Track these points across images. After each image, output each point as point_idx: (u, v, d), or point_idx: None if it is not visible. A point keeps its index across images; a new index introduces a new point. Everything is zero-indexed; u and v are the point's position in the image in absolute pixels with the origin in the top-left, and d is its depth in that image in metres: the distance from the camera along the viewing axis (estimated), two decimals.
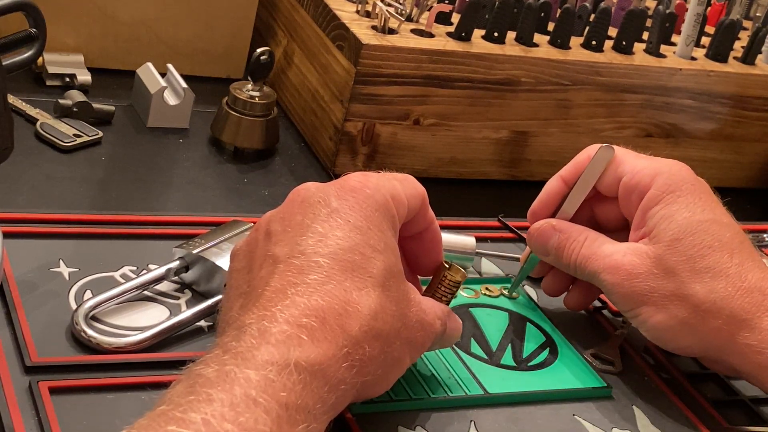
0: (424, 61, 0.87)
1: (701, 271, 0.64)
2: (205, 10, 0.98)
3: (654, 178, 0.67)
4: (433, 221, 0.62)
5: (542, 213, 0.71)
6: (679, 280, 0.64)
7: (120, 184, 0.81)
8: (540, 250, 0.70)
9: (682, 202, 0.66)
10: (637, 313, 0.65)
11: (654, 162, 0.68)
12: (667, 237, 0.65)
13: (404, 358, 0.56)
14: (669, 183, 0.66)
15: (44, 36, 0.65)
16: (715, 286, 0.63)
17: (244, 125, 0.89)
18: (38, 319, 0.61)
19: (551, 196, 0.71)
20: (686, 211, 0.65)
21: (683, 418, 0.66)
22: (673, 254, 0.64)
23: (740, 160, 1.05)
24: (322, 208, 0.55)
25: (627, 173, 0.68)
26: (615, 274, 0.65)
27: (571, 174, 0.70)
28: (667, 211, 0.65)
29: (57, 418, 0.54)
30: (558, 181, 0.71)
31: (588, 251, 0.67)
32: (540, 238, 0.70)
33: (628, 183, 0.68)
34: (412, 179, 0.60)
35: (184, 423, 0.43)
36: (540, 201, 0.71)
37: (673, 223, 0.65)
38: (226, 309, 0.55)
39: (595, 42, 0.95)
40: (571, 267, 0.68)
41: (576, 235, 0.68)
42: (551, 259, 0.70)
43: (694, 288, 0.63)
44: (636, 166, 0.68)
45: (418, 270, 0.64)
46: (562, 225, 0.69)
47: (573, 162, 0.70)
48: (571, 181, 0.70)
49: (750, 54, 1.02)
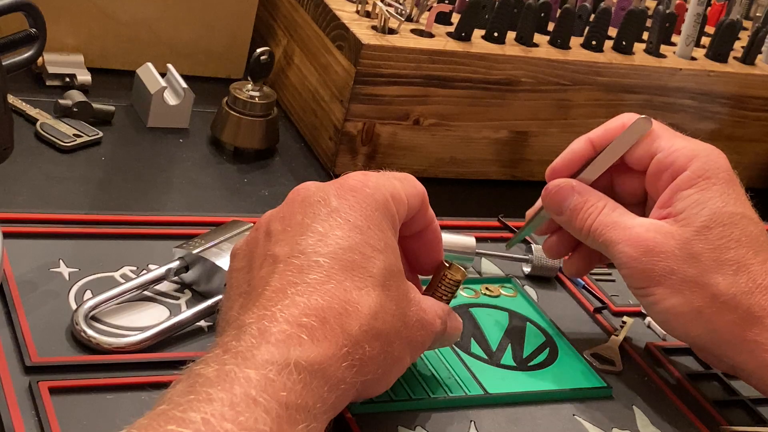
0: (424, 61, 0.87)
1: (726, 263, 0.62)
2: (205, 10, 0.98)
3: (691, 160, 0.65)
4: (433, 220, 0.62)
5: (563, 172, 0.68)
6: (702, 267, 0.62)
7: (120, 184, 0.81)
8: (554, 209, 0.67)
9: (716, 190, 0.64)
10: (650, 292, 0.64)
11: (692, 143, 0.66)
12: (697, 222, 0.63)
13: (404, 357, 0.56)
14: (705, 168, 0.64)
15: (44, 36, 0.65)
16: (737, 280, 0.62)
17: (244, 125, 0.89)
18: (38, 319, 0.61)
19: (576, 156, 0.68)
20: (719, 200, 0.64)
21: (683, 418, 0.66)
22: (701, 241, 0.63)
23: (740, 160, 1.05)
24: (322, 208, 0.55)
25: (663, 150, 0.66)
26: (635, 247, 0.63)
27: (601, 139, 0.67)
28: (701, 196, 0.64)
29: (57, 418, 0.54)
30: (586, 143, 0.68)
31: (607, 219, 0.65)
32: (557, 196, 0.67)
33: (662, 160, 0.66)
34: (412, 178, 0.60)
35: (184, 422, 0.43)
36: (563, 159, 0.68)
37: (705, 210, 0.63)
38: (226, 308, 0.55)
39: (595, 42, 0.95)
40: (584, 232, 0.66)
41: (595, 200, 0.66)
42: (563, 219, 0.67)
43: (716, 278, 0.62)
44: (673, 145, 0.66)
45: (419, 269, 0.64)
46: (582, 187, 0.67)
47: (604, 127, 0.68)
48: (600, 146, 0.67)
49: (750, 54, 1.02)
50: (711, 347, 0.65)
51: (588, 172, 0.67)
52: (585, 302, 0.76)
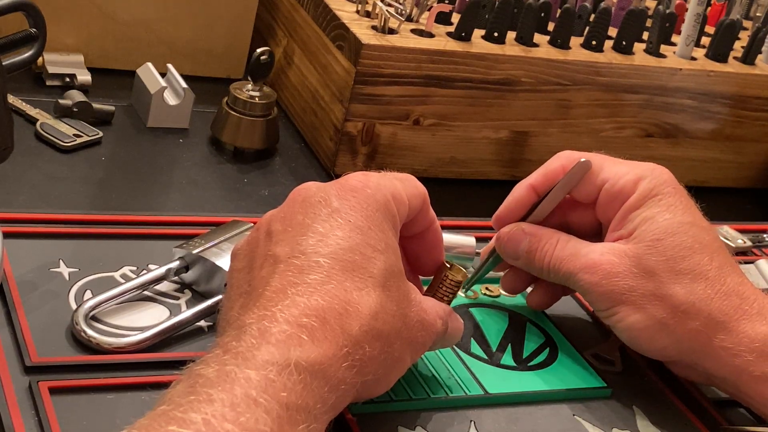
0: (424, 61, 0.87)
1: (681, 273, 0.63)
2: (205, 10, 0.98)
3: (637, 183, 0.66)
4: (434, 221, 0.62)
5: (509, 220, 0.69)
6: (659, 280, 0.63)
7: (120, 184, 0.81)
8: (510, 255, 0.69)
9: (663, 204, 0.65)
10: (614, 312, 0.64)
11: (635, 167, 0.67)
12: (648, 237, 0.64)
13: (405, 358, 0.56)
14: (651, 187, 0.66)
15: (44, 36, 0.65)
16: (695, 288, 0.63)
17: (244, 125, 0.89)
18: (38, 319, 0.61)
19: (519, 203, 0.69)
20: (667, 213, 0.65)
21: (683, 418, 0.66)
22: (654, 254, 0.64)
23: (740, 160, 1.05)
24: (322, 208, 0.55)
25: (609, 179, 0.67)
26: (593, 273, 0.64)
27: (542, 184, 0.68)
28: (649, 213, 0.65)
29: (57, 418, 0.54)
30: (527, 189, 0.69)
31: (562, 253, 0.66)
32: (510, 242, 0.68)
33: (610, 190, 0.67)
34: (413, 179, 0.60)
35: (185, 423, 0.43)
36: (507, 208, 0.70)
37: (654, 224, 0.64)
38: (226, 309, 0.55)
39: (595, 42, 0.95)
40: (544, 270, 0.67)
41: (547, 238, 0.67)
42: (521, 263, 0.68)
43: (674, 288, 0.63)
44: (618, 173, 0.67)
45: (419, 270, 0.64)
46: (532, 228, 0.68)
47: (544, 171, 0.69)
48: (542, 191, 0.68)
49: (750, 54, 1.02)
50: (681, 358, 0.65)
51: (536, 215, 0.68)
52: (585, 302, 0.76)
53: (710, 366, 0.64)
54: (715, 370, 0.64)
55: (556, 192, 0.68)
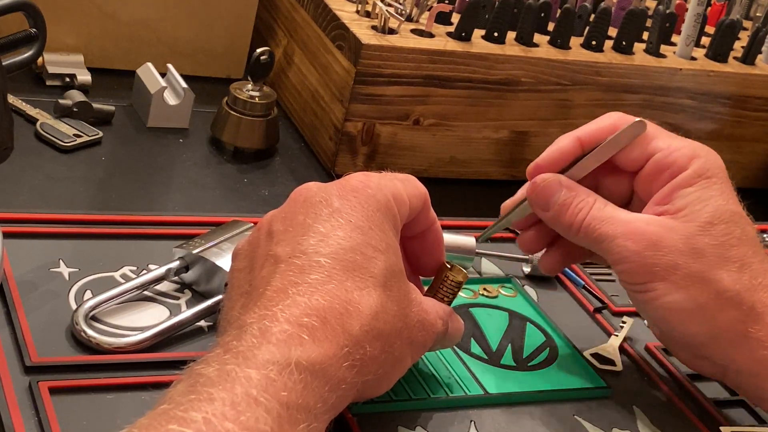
0: (424, 61, 0.87)
1: (730, 260, 0.61)
2: (205, 10, 0.98)
3: (692, 159, 0.64)
4: (435, 221, 0.62)
5: (547, 170, 0.66)
6: (707, 262, 0.61)
7: (120, 184, 0.81)
8: (541, 204, 0.65)
9: (717, 188, 0.63)
10: (651, 287, 0.62)
11: (690, 143, 0.65)
12: (701, 218, 0.62)
13: (405, 358, 0.56)
14: (706, 167, 0.63)
15: (44, 36, 0.65)
16: (741, 277, 0.61)
17: (244, 125, 0.89)
18: (38, 319, 0.61)
19: (563, 154, 0.66)
20: (721, 199, 0.63)
21: (683, 418, 0.66)
22: (705, 236, 0.61)
23: (740, 160, 1.05)
24: (323, 208, 0.55)
25: (662, 150, 0.64)
26: (637, 241, 0.62)
27: (591, 138, 0.65)
28: (703, 194, 0.63)
29: (57, 418, 0.54)
30: (574, 141, 0.66)
31: (600, 213, 0.63)
32: (544, 191, 0.65)
33: (662, 160, 0.64)
34: (414, 179, 0.60)
35: (185, 422, 0.43)
36: (549, 157, 0.66)
37: (708, 206, 0.62)
38: (227, 308, 0.55)
39: (595, 42, 0.95)
40: (574, 227, 0.64)
41: (585, 195, 0.64)
42: (550, 215, 0.65)
43: (721, 274, 0.61)
44: (671, 145, 0.64)
45: (420, 270, 0.64)
46: (570, 183, 0.65)
47: (595, 126, 0.66)
48: (588, 145, 0.65)
49: (750, 54, 1.02)
50: (708, 345, 0.63)
51: (575, 171, 0.65)
52: (585, 302, 0.76)
53: (738, 357, 0.62)
54: (741, 361, 0.62)
55: (604, 149, 0.64)
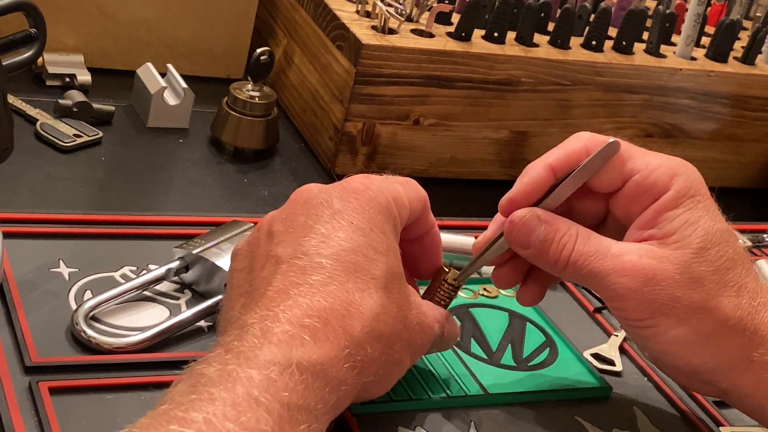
0: (424, 61, 0.87)
1: (728, 285, 0.58)
2: (205, 10, 0.98)
3: (673, 178, 0.60)
4: (434, 225, 0.62)
5: (522, 203, 0.61)
6: (707, 291, 0.58)
7: (120, 184, 0.81)
8: (520, 243, 0.60)
9: (703, 208, 0.59)
10: (654, 323, 0.58)
11: (668, 160, 0.61)
12: (694, 244, 0.58)
13: (404, 359, 0.56)
14: (689, 185, 0.60)
15: (44, 36, 0.65)
16: (741, 302, 0.58)
17: (244, 125, 0.89)
18: (38, 319, 0.61)
19: (536, 185, 0.61)
20: (709, 219, 0.59)
21: (683, 418, 0.66)
22: (701, 263, 0.58)
23: (740, 160, 1.05)
24: (324, 210, 0.55)
25: (640, 170, 0.60)
26: (632, 278, 0.57)
27: (563, 165, 0.60)
28: (691, 215, 0.59)
29: (57, 418, 0.54)
30: (546, 169, 0.60)
31: (586, 248, 0.59)
32: (523, 228, 0.60)
33: (641, 183, 0.60)
34: (414, 183, 0.60)
35: (186, 422, 0.43)
36: (522, 190, 0.61)
37: (699, 230, 0.58)
38: (227, 308, 0.55)
39: (595, 42, 0.95)
40: (560, 264, 0.59)
41: (566, 229, 0.60)
42: (531, 253, 0.60)
43: (722, 302, 0.58)
44: (650, 164, 0.60)
45: (417, 273, 0.64)
46: (548, 216, 0.60)
47: (564, 151, 0.61)
48: (561, 172, 0.60)
49: (750, 54, 1.02)
50: (712, 372, 0.60)
51: (551, 200, 0.61)
52: (585, 302, 0.76)
53: (742, 381, 0.60)
54: (745, 385, 0.60)
55: (578, 175, 0.60)
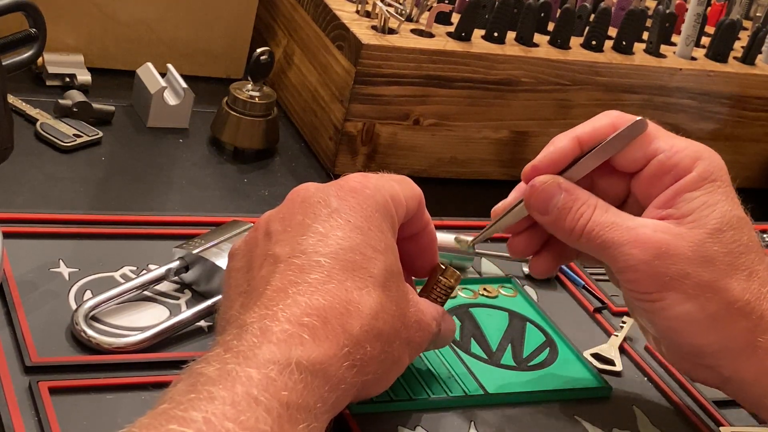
0: (424, 61, 0.87)
1: (739, 268, 0.59)
2: (205, 10, 0.98)
3: (696, 161, 0.60)
4: (429, 223, 0.62)
5: (545, 171, 0.62)
6: (718, 271, 0.58)
7: (120, 184, 0.81)
8: (539, 208, 0.61)
9: (722, 193, 0.60)
10: (661, 297, 0.59)
11: (693, 144, 0.62)
12: (709, 225, 0.59)
13: (403, 357, 0.56)
14: (711, 170, 0.60)
15: (44, 36, 0.65)
16: (750, 286, 0.59)
17: (244, 125, 0.89)
18: (38, 319, 0.61)
19: (561, 155, 0.62)
20: (727, 204, 0.60)
21: (683, 418, 0.66)
22: (715, 243, 0.59)
23: (740, 160, 1.05)
24: (322, 208, 0.55)
25: (664, 151, 0.61)
26: (644, 249, 0.58)
27: (590, 137, 0.62)
28: (709, 198, 0.60)
29: (57, 418, 0.54)
30: (572, 141, 0.62)
31: (603, 219, 0.60)
32: (543, 194, 0.61)
33: (665, 162, 0.61)
34: (409, 181, 0.60)
35: (186, 421, 0.43)
36: (547, 158, 0.62)
37: (716, 212, 0.59)
38: (225, 308, 0.55)
39: (595, 42, 0.95)
40: (576, 232, 0.60)
41: (585, 198, 0.61)
42: (548, 219, 0.61)
43: (731, 283, 0.58)
44: (674, 146, 0.61)
45: (414, 271, 0.64)
46: (569, 185, 0.61)
47: (593, 125, 0.62)
48: (587, 145, 0.62)
49: (750, 54, 1.02)
50: (715, 355, 0.61)
51: (573, 172, 0.62)
52: (585, 302, 0.76)
53: (745, 366, 0.60)
54: (747, 371, 0.60)
55: (603, 149, 0.61)
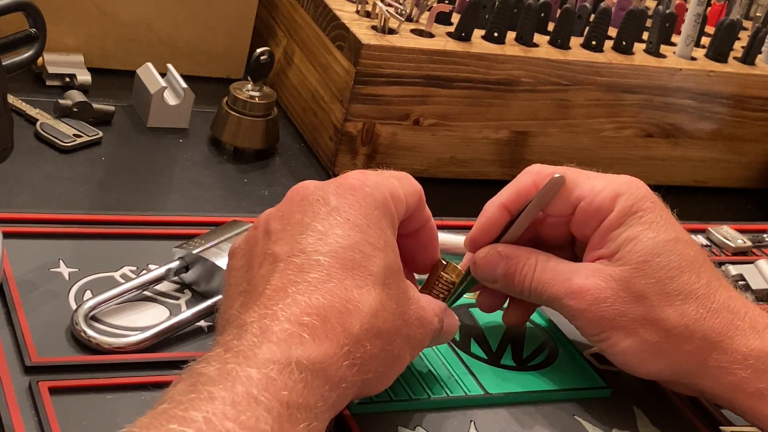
0: (424, 61, 0.87)
1: (671, 294, 0.61)
2: (205, 10, 0.98)
3: (615, 199, 0.63)
4: (430, 219, 0.62)
5: (483, 241, 0.66)
6: (649, 303, 0.61)
7: (120, 184, 0.81)
8: (488, 278, 0.65)
9: (645, 222, 0.62)
10: (605, 337, 0.62)
11: (611, 182, 0.64)
12: (634, 259, 0.62)
13: (404, 355, 0.56)
14: (630, 204, 0.63)
15: (44, 36, 0.65)
16: (687, 310, 0.61)
17: (244, 125, 0.89)
18: (38, 319, 0.61)
19: (493, 224, 0.65)
20: (650, 232, 0.62)
21: (683, 418, 0.66)
22: (642, 277, 0.61)
23: (740, 160, 1.05)
24: (321, 207, 0.55)
25: (585, 197, 0.64)
26: (580, 300, 0.62)
27: (514, 202, 0.65)
28: (631, 232, 0.62)
29: (57, 418, 0.53)
30: (499, 209, 0.65)
31: (543, 276, 0.63)
32: (486, 266, 0.65)
33: (587, 208, 0.64)
34: (409, 177, 0.60)
35: (186, 421, 0.43)
36: (480, 229, 0.66)
37: (638, 245, 0.62)
38: (225, 307, 0.55)
39: (595, 42, 0.95)
40: (525, 293, 0.65)
41: (525, 259, 0.64)
42: (499, 286, 0.65)
43: (666, 312, 0.61)
44: (594, 188, 0.64)
45: (415, 268, 0.64)
46: (509, 250, 0.65)
47: (515, 189, 0.65)
48: (514, 209, 0.65)
49: (750, 54, 1.02)
50: (676, 378, 0.64)
51: (510, 235, 0.65)
52: None
53: (705, 385, 0.63)
54: (709, 388, 0.63)
55: (530, 211, 0.64)
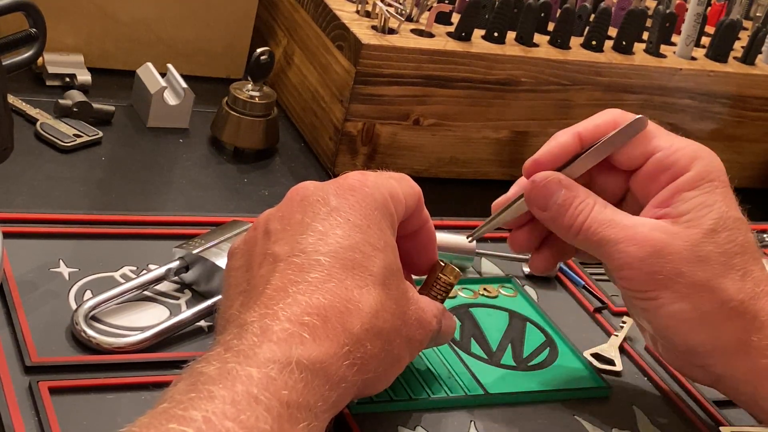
0: (424, 61, 0.87)
1: (734, 268, 0.59)
2: (205, 10, 0.98)
3: (693, 161, 0.61)
4: (428, 220, 0.62)
5: (546, 166, 0.63)
6: (712, 271, 0.59)
7: (120, 184, 0.81)
8: (539, 204, 0.62)
9: (719, 193, 0.61)
10: (655, 296, 0.59)
11: (692, 144, 0.62)
12: (705, 225, 0.60)
13: (404, 355, 0.56)
14: (709, 170, 0.61)
15: (44, 36, 0.65)
16: (744, 286, 0.60)
17: (244, 125, 0.89)
18: (38, 319, 0.61)
19: (562, 150, 0.63)
20: (724, 205, 0.60)
21: (683, 418, 0.66)
22: (710, 243, 0.59)
23: (740, 160, 1.05)
24: (321, 207, 0.55)
25: (662, 149, 0.61)
26: (640, 247, 0.59)
27: (591, 134, 0.62)
28: (706, 199, 0.60)
29: (57, 418, 0.54)
30: (573, 137, 0.63)
31: (601, 216, 0.61)
32: (544, 190, 0.62)
33: (662, 160, 0.61)
34: (408, 178, 0.60)
35: (185, 421, 0.43)
36: (548, 153, 0.63)
37: (713, 212, 0.60)
38: (225, 307, 0.55)
39: (595, 42, 0.95)
40: (574, 229, 0.61)
41: (585, 196, 0.61)
42: (548, 215, 0.62)
43: (725, 283, 0.59)
44: (673, 144, 0.62)
45: (413, 269, 0.64)
46: (569, 182, 0.62)
47: (594, 122, 0.63)
48: (588, 141, 0.62)
49: (750, 54, 1.02)
50: (709, 354, 0.61)
51: (574, 168, 0.62)
52: (585, 302, 0.76)
53: (738, 366, 0.61)
54: (740, 370, 0.61)
55: (604, 146, 0.62)
